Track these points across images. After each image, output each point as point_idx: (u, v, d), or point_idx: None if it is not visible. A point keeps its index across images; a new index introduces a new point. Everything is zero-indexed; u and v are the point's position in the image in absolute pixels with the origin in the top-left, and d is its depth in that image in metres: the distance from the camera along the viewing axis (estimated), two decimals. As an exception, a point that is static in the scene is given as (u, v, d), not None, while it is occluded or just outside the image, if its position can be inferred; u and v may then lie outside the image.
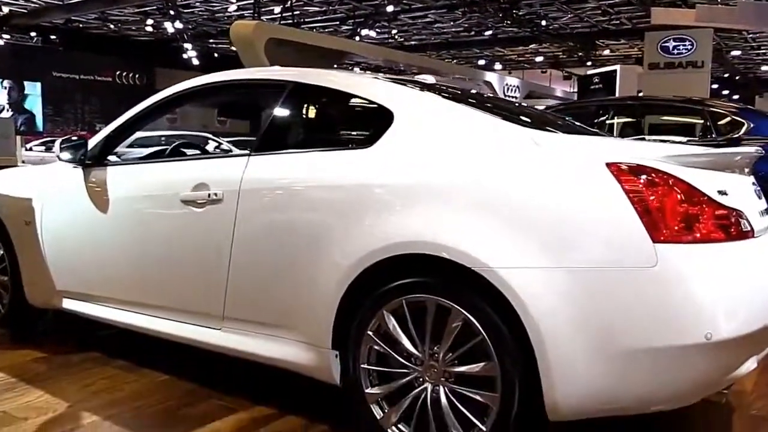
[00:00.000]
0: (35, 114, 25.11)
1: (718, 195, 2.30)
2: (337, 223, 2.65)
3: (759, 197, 2.66)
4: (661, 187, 2.20)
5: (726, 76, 29.84)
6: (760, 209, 2.59)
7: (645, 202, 2.17)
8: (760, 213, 2.57)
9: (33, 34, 24.97)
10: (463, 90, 3.58)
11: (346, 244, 2.60)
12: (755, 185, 2.70)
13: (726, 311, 2.16)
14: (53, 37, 25.69)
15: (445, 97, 2.87)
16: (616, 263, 2.15)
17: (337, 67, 13.13)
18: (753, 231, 2.38)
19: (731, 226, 2.28)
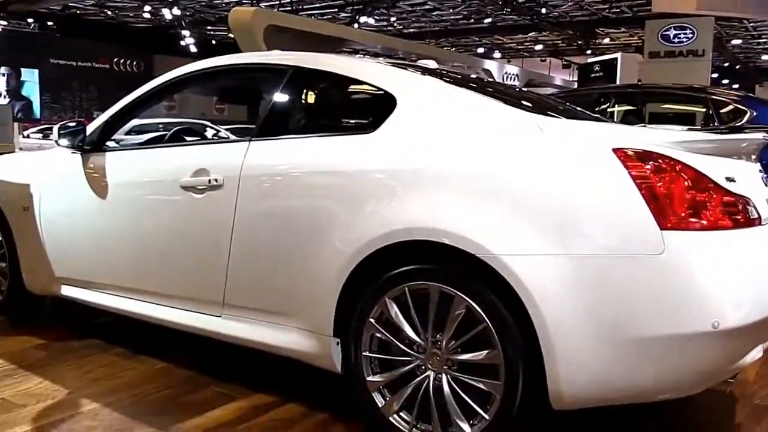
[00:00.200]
0: (32, 101, 25.04)
1: (725, 182, 2.27)
2: (339, 209, 2.63)
3: (766, 184, 2.63)
4: (669, 174, 2.17)
5: (726, 65, 29.80)
6: (767, 197, 2.56)
7: (652, 188, 2.14)
8: (767, 200, 2.54)
9: (30, 20, 24.88)
10: (466, 75, 3.54)
11: (348, 230, 2.57)
12: (762, 172, 2.67)
13: (733, 299, 2.14)
14: (50, 24, 25.60)
15: (448, 82, 2.83)
16: (622, 250, 2.13)
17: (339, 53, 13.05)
18: (760, 218, 2.35)
19: (739, 213, 2.25)
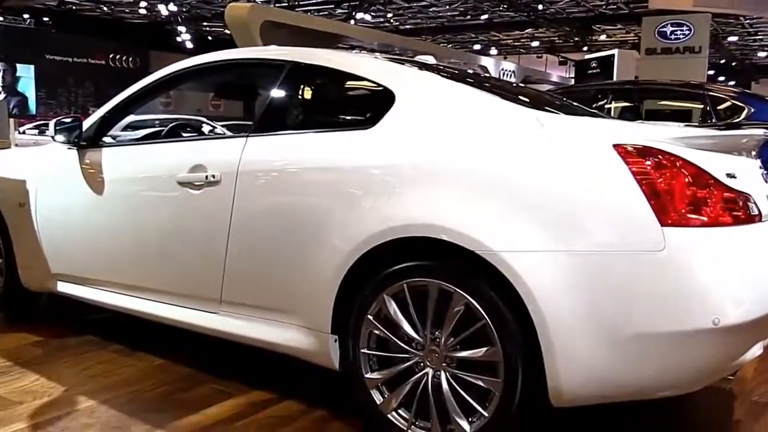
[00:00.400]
0: (28, 97, 24.91)
1: (726, 178, 2.26)
2: (337, 206, 2.61)
3: (766, 181, 2.62)
4: (669, 170, 2.16)
5: (722, 62, 29.81)
6: (767, 193, 2.55)
7: (653, 184, 2.12)
8: (767, 197, 2.53)
9: (26, 16, 24.76)
10: (464, 70, 3.53)
11: (346, 226, 2.56)
12: (762, 169, 2.66)
13: (734, 296, 2.13)
14: (46, 20, 25.48)
15: (447, 77, 2.82)
16: (622, 247, 2.11)
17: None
18: (761, 215, 2.34)
19: (740, 209, 2.24)
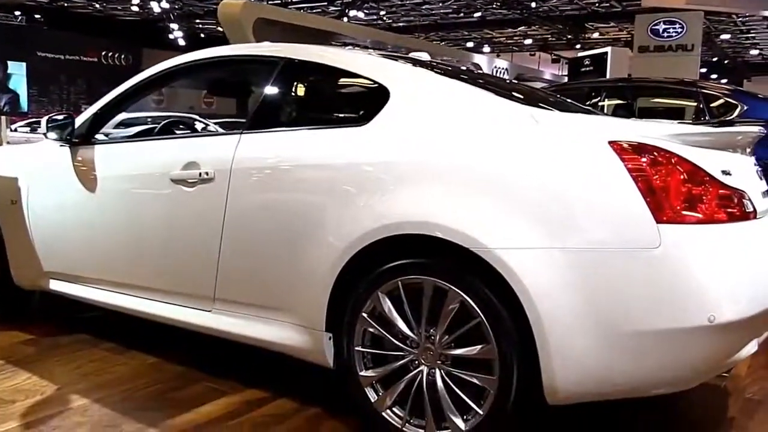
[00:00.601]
0: (20, 94, 24.74)
1: (721, 175, 2.26)
2: (332, 203, 2.60)
3: (760, 178, 2.62)
4: (665, 166, 2.16)
5: (715, 59, 29.86)
6: (761, 190, 2.56)
7: (648, 181, 2.12)
8: (762, 194, 2.53)
9: (17, 13, 24.66)
10: (458, 67, 3.52)
11: (340, 224, 2.55)
12: (756, 166, 2.67)
13: (729, 293, 2.13)
14: (38, 17, 25.37)
15: (442, 74, 2.81)
16: (618, 244, 2.11)
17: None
18: (756, 212, 2.34)
19: (735, 206, 2.25)
